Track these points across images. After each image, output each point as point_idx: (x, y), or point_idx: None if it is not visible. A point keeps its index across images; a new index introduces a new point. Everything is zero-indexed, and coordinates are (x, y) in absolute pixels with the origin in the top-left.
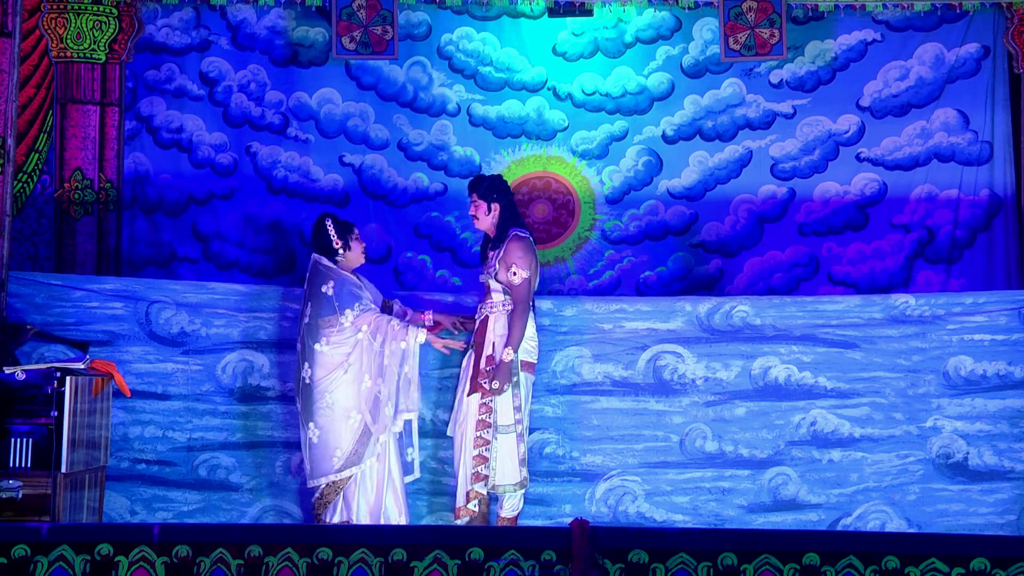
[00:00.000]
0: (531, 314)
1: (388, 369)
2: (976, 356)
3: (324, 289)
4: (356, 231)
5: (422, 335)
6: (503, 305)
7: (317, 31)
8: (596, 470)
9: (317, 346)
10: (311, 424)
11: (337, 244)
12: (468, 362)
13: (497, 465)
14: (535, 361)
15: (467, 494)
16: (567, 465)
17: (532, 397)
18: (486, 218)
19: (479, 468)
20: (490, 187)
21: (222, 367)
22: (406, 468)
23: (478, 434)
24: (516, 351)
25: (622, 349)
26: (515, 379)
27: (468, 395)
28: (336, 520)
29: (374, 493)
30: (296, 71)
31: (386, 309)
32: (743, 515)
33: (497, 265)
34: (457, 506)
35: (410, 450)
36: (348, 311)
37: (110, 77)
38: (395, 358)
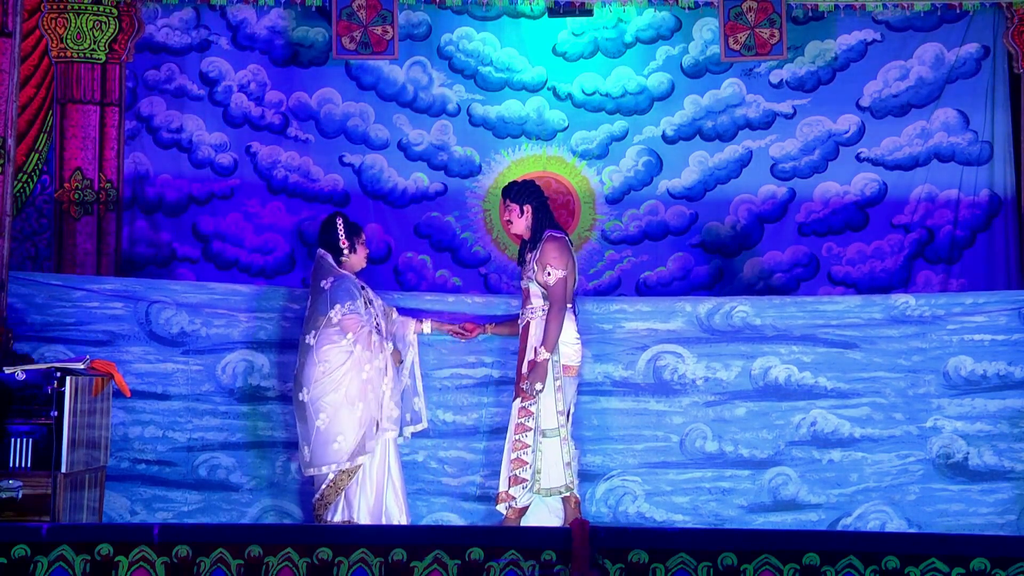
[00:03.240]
0: (572, 317)
1: (376, 383)
2: (976, 356)
3: (323, 284)
4: (363, 236)
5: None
6: (543, 310)
7: (317, 31)
8: (596, 470)
9: (308, 338)
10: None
11: (344, 244)
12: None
13: (543, 468)
14: (577, 364)
15: (505, 493)
16: None
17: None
18: (520, 221)
19: (517, 471)
20: (520, 190)
21: (222, 367)
22: (414, 417)
23: (516, 438)
24: (551, 351)
25: (622, 349)
26: (558, 382)
27: (514, 399)
28: (338, 519)
29: (374, 494)
30: (296, 71)
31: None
32: (743, 515)
33: (535, 266)
34: (499, 491)
35: (416, 399)
36: (337, 305)
37: (110, 77)
38: (383, 373)
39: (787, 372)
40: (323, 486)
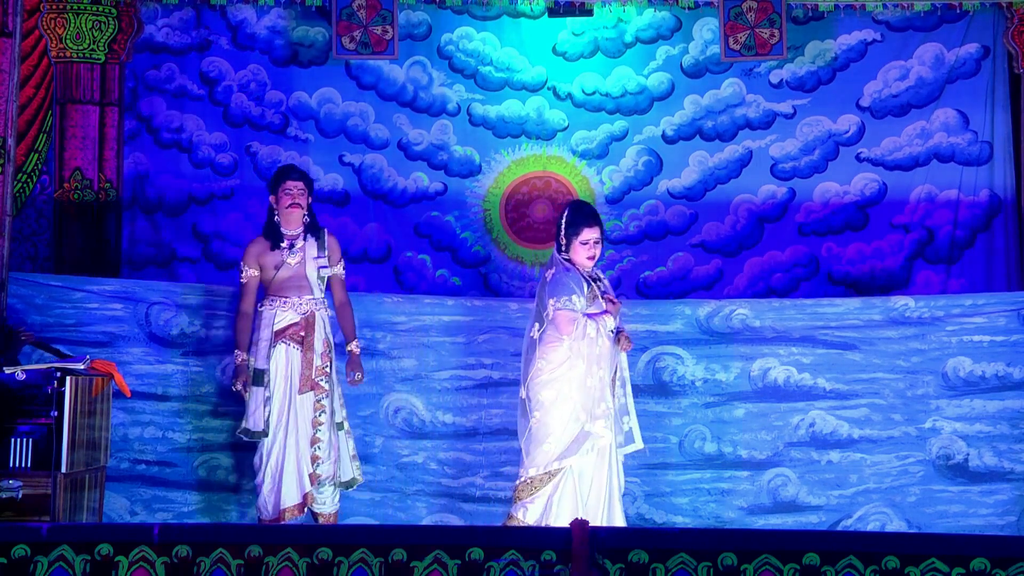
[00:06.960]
0: None
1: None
2: (975, 357)
3: (546, 275)
4: (589, 233)
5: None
6: (323, 302)
7: (317, 31)
8: None
9: (532, 331)
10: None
11: (562, 239)
12: (287, 359)
13: (342, 462)
14: None
15: (305, 496)
16: None
17: None
18: (304, 209)
19: (314, 467)
20: (306, 176)
21: (221, 368)
22: (626, 438)
23: (313, 432)
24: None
25: None
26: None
27: (300, 393)
28: (531, 522)
29: (572, 503)
30: (296, 71)
31: None
32: (743, 516)
33: (327, 258)
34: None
35: (626, 419)
36: (551, 300)
37: (109, 77)
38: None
39: (786, 373)
40: (524, 477)
